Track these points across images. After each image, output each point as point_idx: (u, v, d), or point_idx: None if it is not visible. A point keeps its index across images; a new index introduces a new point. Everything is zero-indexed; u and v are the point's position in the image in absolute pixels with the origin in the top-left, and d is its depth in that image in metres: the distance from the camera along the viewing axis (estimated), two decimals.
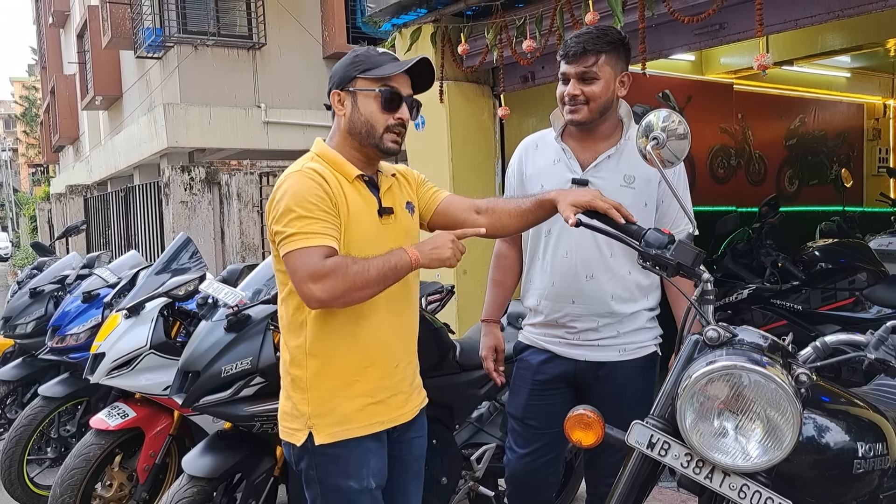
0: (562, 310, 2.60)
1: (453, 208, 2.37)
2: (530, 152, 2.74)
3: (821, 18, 3.63)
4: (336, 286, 1.96)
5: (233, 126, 11.80)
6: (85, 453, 3.48)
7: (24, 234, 28.82)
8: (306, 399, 2.14)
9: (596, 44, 2.45)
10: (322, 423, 2.13)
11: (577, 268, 2.55)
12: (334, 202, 2.05)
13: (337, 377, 2.13)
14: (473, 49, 5.15)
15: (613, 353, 2.58)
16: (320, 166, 2.11)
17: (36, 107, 38.25)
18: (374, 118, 2.12)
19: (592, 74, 2.47)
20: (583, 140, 2.60)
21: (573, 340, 2.61)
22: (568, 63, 2.49)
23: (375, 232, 2.14)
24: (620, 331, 2.57)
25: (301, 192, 2.02)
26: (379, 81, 2.11)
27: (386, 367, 2.19)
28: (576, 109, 2.51)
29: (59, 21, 21.18)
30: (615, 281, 2.54)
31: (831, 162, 7.83)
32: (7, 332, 5.08)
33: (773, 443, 1.65)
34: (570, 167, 2.58)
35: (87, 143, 19.58)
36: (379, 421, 2.18)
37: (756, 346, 1.77)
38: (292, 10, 12.13)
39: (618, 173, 2.53)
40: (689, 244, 1.94)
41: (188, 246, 4.00)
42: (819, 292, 4.84)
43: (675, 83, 6.26)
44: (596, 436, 1.84)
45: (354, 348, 2.13)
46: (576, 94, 2.48)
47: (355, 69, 2.12)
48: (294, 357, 2.16)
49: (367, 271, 1.98)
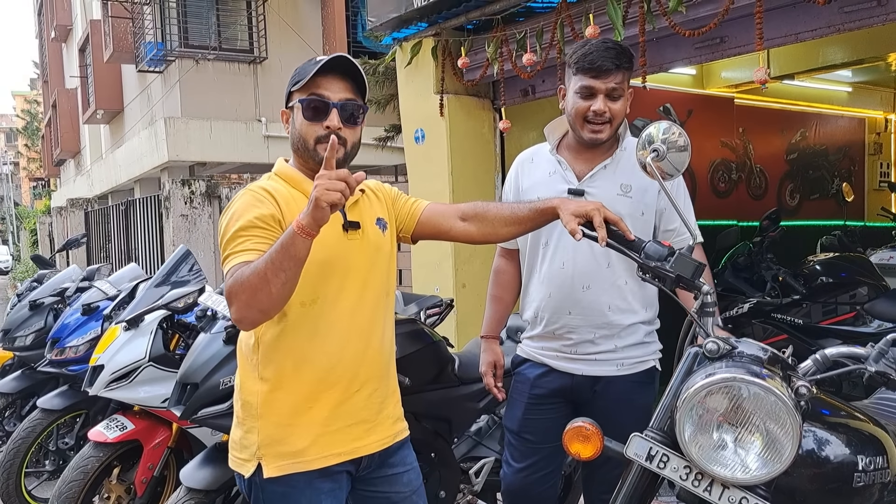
0: (559, 321, 2.58)
1: (437, 217, 2.27)
2: (526, 166, 2.73)
3: (821, 32, 3.64)
4: (240, 298, 1.80)
5: (233, 140, 11.83)
6: (83, 466, 3.47)
7: (25, 248, 28.88)
8: (256, 427, 2.00)
9: (624, 60, 2.43)
10: (271, 455, 1.98)
11: (574, 279, 2.53)
12: (278, 219, 1.94)
13: (288, 403, 1.99)
14: (474, 63, 5.17)
15: (611, 368, 2.55)
16: (275, 184, 2.04)
17: (37, 120, 38.37)
18: (303, 130, 2.02)
19: (620, 92, 2.44)
20: (580, 152, 2.59)
21: (570, 354, 2.59)
22: (596, 78, 2.41)
23: (339, 248, 2.02)
24: (618, 345, 2.55)
25: (239, 211, 1.93)
26: (304, 91, 2.00)
27: (344, 392, 2.02)
28: (601, 129, 2.47)
29: (62, 35, 21.30)
30: (612, 291, 2.52)
31: (832, 176, 7.84)
32: (6, 345, 5.08)
33: (773, 455, 1.64)
34: (566, 178, 2.57)
35: (89, 157, 19.64)
36: (334, 453, 2.01)
37: (756, 359, 1.76)
38: (293, 24, 12.19)
39: (614, 183, 2.52)
40: (688, 256, 1.93)
41: (188, 258, 4.00)
42: (820, 306, 4.83)
43: (676, 97, 6.27)
44: (594, 448, 1.83)
45: (308, 371, 1.99)
46: (604, 111, 2.43)
47: (290, 84, 2.05)
48: (244, 382, 2.04)
49: (258, 267, 1.77)
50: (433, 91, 5.36)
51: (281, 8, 12.16)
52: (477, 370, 2.98)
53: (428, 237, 2.31)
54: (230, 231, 1.91)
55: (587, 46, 2.45)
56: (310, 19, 12.51)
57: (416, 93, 5.55)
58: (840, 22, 3.54)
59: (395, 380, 2.23)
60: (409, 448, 2.25)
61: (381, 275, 2.13)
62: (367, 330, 2.07)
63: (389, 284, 2.17)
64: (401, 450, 2.20)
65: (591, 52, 2.41)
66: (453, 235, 2.30)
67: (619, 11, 3.97)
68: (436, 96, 5.33)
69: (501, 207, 2.28)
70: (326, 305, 2.00)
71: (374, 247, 2.11)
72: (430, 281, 5.51)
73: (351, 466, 2.07)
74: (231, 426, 2.83)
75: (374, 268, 2.10)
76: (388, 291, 2.16)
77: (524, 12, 4.81)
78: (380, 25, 5.48)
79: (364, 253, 2.07)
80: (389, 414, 2.16)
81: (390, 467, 2.15)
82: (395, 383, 2.23)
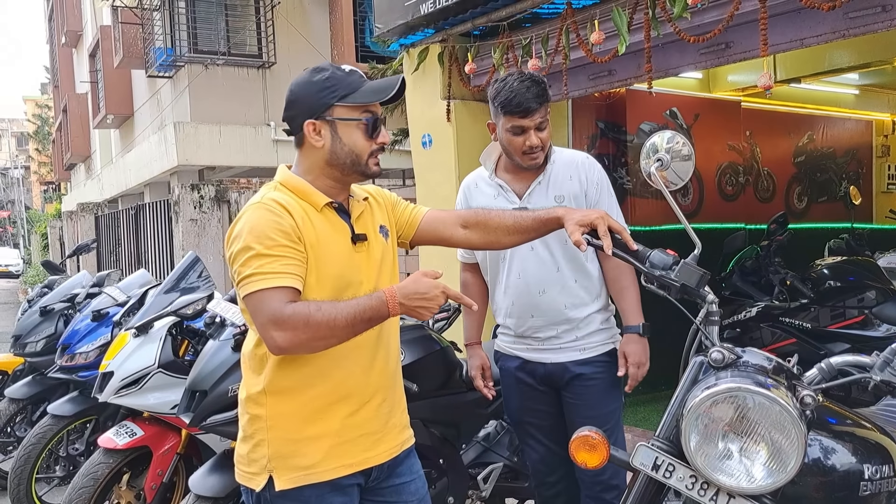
0: (524, 324, 2.89)
1: (437, 224, 2.28)
2: (472, 190, 2.99)
3: (826, 38, 3.64)
4: (298, 335, 1.82)
5: (242, 144, 11.89)
6: (93, 472, 3.49)
7: (36, 252, 28.98)
8: (266, 440, 1.98)
9: (543, 95, 2.72)
10: (283, 467, 1.97)
11: (530, 286, 2.84)
12: (297, 236, 1.91)
13: (299, 416, 1.98)
14: (480, 68, 5.18)
15: (575, 354, 2.86)
16: (283, 196, 1.98)
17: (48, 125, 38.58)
18: (359, 147, 2.00)
19: (545, 123, 2.75)
20: (516, 172, 2.87)
21: (538, 346, 2.90)
22: (524, 117, 2.69)
23: (350, 261, 2.01)
24: (578, 335, 2.86)
25: (259, 227, 1.88)
26: (360, 108, 1.99)
27: (353, 404, 2.02)
28: (537, 156, 2.77)
29: (72, 41, 21.42)
30: (565, 292, 2.83)
31: (840, 179, 7.81)
32: (17, 351, 5.10)
33: (778, 465, 1.65)
34: (508, 199, 2.85)
35: (99, 161, 19.76)
36: (344, 464, 2.01)
37: (761, 368, 1.77)
38: (301, 29, 12.25)
39: (548, 196, 2.81)
40: (693, 265, 1.94)
41: (196, 265, 4.02)
42: (828, 310, 4.82)
43: (682, 101, 6.27)
44: (601, 457, 1.83)
45: (319, 384, 1.98)
46: (537, 144, 2.73)
47: (332, 96, 1.97)
48: (252, 394, 2.02)
49: (334, 320, 1.82)
50: (440, 97, 5.37)
51: (289, 13, 12.22)
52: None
53: (427, 243, 2.33)
54: (252, 249, 1.86)
55: (508, 87, 2.71)
56: (318, 24, 12.56)
57: (423, 98, 5.57)
58: (845, 27, 3.53)
59: (402, 388, 2.24)
60: (415, 456, 2.25)
61: (387, 284, 2.13)
62: (376, 341, 2.07)
63: None
64: (408, 458, 2.20)
65: (514, 94, 2.68)
66: (454, 242, 2.34)
67: (625, 18, 3.98)
68: (443, 102, 5.35)
69: (503, 216, 2.30)
70: None
71: (380, 256, 2.11)
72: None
73: (361, 478, 2.07)
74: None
75: (381, 278, 2.10)
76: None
77: (530, 18, 4.82)
78: (387, 32, 5.50)
79: (371, 264, 2.07)
80: (396, 423, 2.17)
81: (398, 476, 2.15)
82: (402, 391, 2.24)
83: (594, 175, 2.86)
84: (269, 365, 1.98)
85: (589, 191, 2.83)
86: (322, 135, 1.99)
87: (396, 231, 2.26)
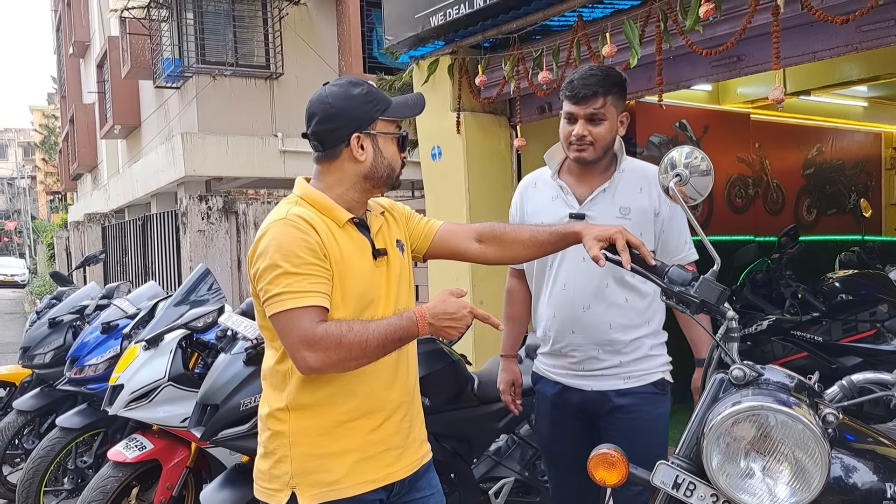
0: (563, 339, 2.66)
1: (451, 237, 2.28)
2: (529, 191, 2.82)
3: (839, 51, 3.63)
4: (330, 356, 1.82)
5: (250, 155, 11.91)
6: (102, 485, 3.48)
7: (42, 262, 29.05)
8: (288, 457, 1.98)
9: (604, 85, 2.51)
10: (306, 483, 1.96)
11: (575, 299, 2.61)
12: (324, 253, 1.90)
13: (322, 432, 1.98)
14: (490, 80, 5.17)
15: (618, 382, 2.62)
16: (307, 211, 1.96)
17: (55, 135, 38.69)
18: (395, 161, 2.06)
19: (600, 116, 2.53)
20: (580, 175, 2.68)
21: (577, 371, 2.66)
22: (576, 104, 2.54)
23: (372, 277, 2.01)
24: (622, 360, 2.61)
25: (287, 244, 1.87)
26: (395, 123, 2.05)
27: (375, 420, 2.03)
28: (583, 149, 2.56)
29: (80, 51, 21.49)
30: (612, 310, 2.59)
31: (849, 191, 7.79)
32: (26, 362, 5.10)
33: (802, 484, 1.63)
34: (567, 203, 2.65)
35: (106, 172, 19.80)
36: (368, 479, 2.01)
37: (782, 386, 1.75)
38: (309, 40, 12.28)
39: (613, 205, 2.59)
40: (713, 281, 1.93)
41: (207, 277, 4.02)
42: (840, 324, 4.81)
43: (692, 113, 6.26)
44: (620, 475, 1.82)
45: (342, 401, 1.98)
46: (584, 135, 2.54)
47: (375, 109, 2.00)
48: (274, 410, 2.01)
49: (366, 341, 1.84)
50: (450, 108, 5.37)
51: (297, 24, 12.25)
52: (495, 389, 3.00)
53: (441, 257, 2.32)
54: (279, 267, 1.85)
55: (574, 73, 2.58)
56: (326, 35, 12.60)
57: (433, 110, 5.55)
58: (858, 41, 3.52)
59: (420, 401, 2.24)
60: (434, 470, 2.25)
61: (405, 297, 2.14)
62: (397, 356, 2.06)
63: (410, 305, 2.18)
64: (427, 472, 2.21)
65: (574, 79, 2.55)
66: (469, 256, 2.32)
67: (636, 30, 3.97)
68: (453, 114, 5.34)
69: (520, 230, 2.30)
70: None
71: (398, 271, 2.11)
72: None
73: (383, 494, 2.07)
74: (251, 447, 2.83)
75: (400, 292, 2.11)
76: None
77: (541, 31, 4.81)
78: (397, 43, 5.50)
79: (391, 279, 2.07)
80: (416, 437, 2.17)
81: (418, 491, 2.16)
82: (420, 405, 2.24)
83: None
84: (293, 382, 1.98)
85: (661, 208, 2.60)
86: (365, 148, 2.01)
87: (410, 244, 2.26)
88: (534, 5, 4.42)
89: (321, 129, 2.00)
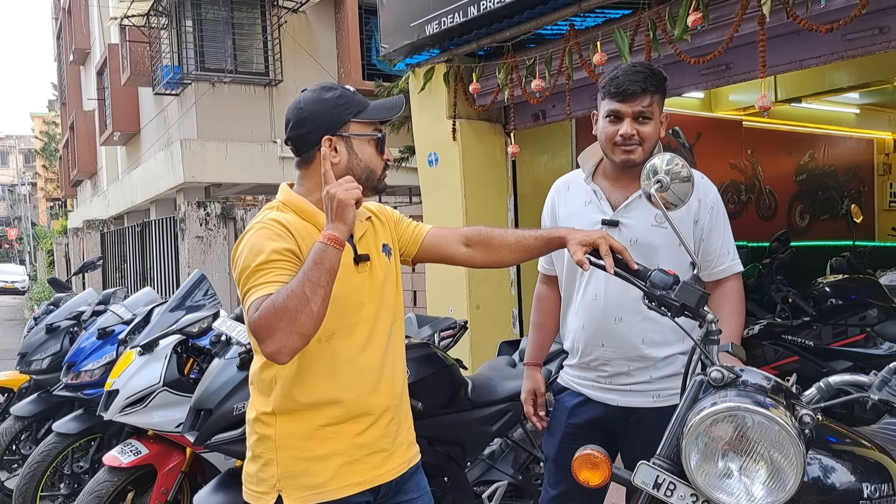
0: (592, 352, 2.53)
1: (440, 241, 2.28)
2: (562, 194, 2.67)
3: (825, 59, 3.68)
4: (279, 325, 1.74)
5: (249, 161, 11.94)
6: (98, 490, 3.50)
7: (42, 268, 29.06)
8: (275, 460, 1.99)
9: (651, 83, 2.37)
10: (292, 486, 1.98)
11: (606, 311, 2.47)
12: (297, 254, 1.90)
13: (308, 435, 1.99)
14: (485, 88, 5.23)
15: (646, 399, 2.48)
16: (286, 216, 1.99)
17: (55, 142, 38.69)
18: (373, 163, 2.06)
19: (648, 114, 2.39)
20: (615, 180, 2.52)
21: (605, 384, 2.53)
22: (622, 102, 2.37)
23: (352, 282, 2.01)
24: (653, 376, 2.47)
25: (258, 246, 1.88)
26: (371, 125, 2.05)
27: (361, 424, 2.03)
28: (631, 150, 2.40)
29: (80, 58, 21.54)
30: (646, 324, 2.43)
31: (842, 197, 7.84)
32: (23, 368, 5.12)
33: (777, 484, 1.66)
34: (600, 208, 2.51)
35: (105, 178, 19.83)
36: (355, 482, 2.02)
37: (760, 388, 1.78)
38: (308, 47, 12.33)
39: (649, 213, 2.41)
40: (693, 285, 1.95)
41: (202, 283, 4.05)
42: (830, 328, 4.84)
43: (684, 120, 6.31)
44: (603, 476, 1.85)
45: (327, 405, 1.99)
46: (632, 135, 2.38)
47: (347, 112, 2.01)
48: (260, 414, 2.03)
49: (294, 288, 1.75)
50: (446, 116, 5.42)
51: (296, 32, 12.31)
52: (489, 393, 3.02)
53: (429, 261, 2.34)
54: (251, 265, 1.86)
55: (616, 70, 2.42)
56: (325, 43, 12.65)
57: (429, 117, 5.62)
58: (843, 49, 3.57)
59: (408, 405, 2.25)
60: (422, 473, 2.27)
61: (390, 303, 2.15)
62: (381, 360, 2.08)
63: (397, 311, 2.19)
64: (415, 475, 2.22)
65: (619, 75, 2.38)
66: (456, 260, 2.32)
67: (626, 39, 4.03)
68: (448, 121, 5.40)
69: (506, 234, 2.29)
70: (342, 340, 2.00)
71: (383, 276, 2.12)
72: (444, 302, 5.54)
73: (370, 496, 2.08)
74: (244, 452, 2.86)
75: (384, 297, 2.12)
76: (396, 318, 2.18)
77: (534, 39, 4.88)
78: (393, 51, 5.55)
79: (374, 284, 2.08)
80: (404, 440, 2.18)
81: (406, 493, 2.17)
82: (408, 408, 2.25)
83: (709, 198, 2.46)
84: (278, 387, 1.99)
85: (701, 214, 2.45)
86: (338, 150, 2.01)
87: (399, 248, 2.27)
88: (527, 14, 4.47)
89: (295, 134, 2.05)
